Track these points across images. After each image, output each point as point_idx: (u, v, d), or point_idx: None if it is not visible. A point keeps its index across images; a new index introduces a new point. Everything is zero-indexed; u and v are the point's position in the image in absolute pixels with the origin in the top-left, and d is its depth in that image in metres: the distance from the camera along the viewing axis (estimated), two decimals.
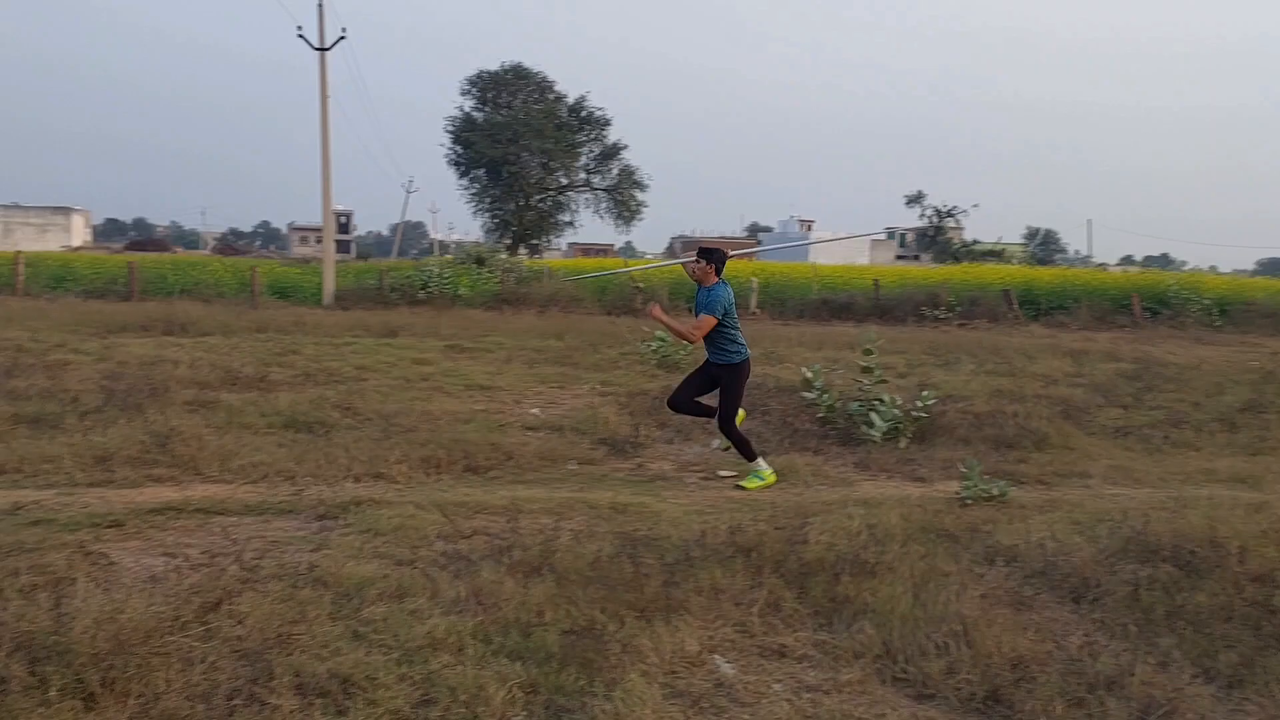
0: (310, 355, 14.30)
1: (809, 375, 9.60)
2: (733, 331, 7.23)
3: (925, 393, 9.30)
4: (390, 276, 28.88)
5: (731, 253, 7.80)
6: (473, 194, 54.90)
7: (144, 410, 8.55)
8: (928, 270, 43.52)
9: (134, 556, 5.04)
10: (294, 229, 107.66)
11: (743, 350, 7.30)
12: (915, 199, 74.87)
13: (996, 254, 68.00)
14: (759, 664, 3.90)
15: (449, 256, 32.52)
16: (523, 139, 51.95)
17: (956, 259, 63.75)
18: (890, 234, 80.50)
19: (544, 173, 54.57)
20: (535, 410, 10.31)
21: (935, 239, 74.85)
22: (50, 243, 72.85)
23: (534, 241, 56.69)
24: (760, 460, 7.31)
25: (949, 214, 74.35)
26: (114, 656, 3.34)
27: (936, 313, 26.68)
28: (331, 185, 28.06)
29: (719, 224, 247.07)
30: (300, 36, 27.23)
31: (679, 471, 7.82)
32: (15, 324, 16.82)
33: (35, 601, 3.74)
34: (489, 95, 54.24)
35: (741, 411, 7.43)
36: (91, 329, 16.63)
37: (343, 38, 27.90)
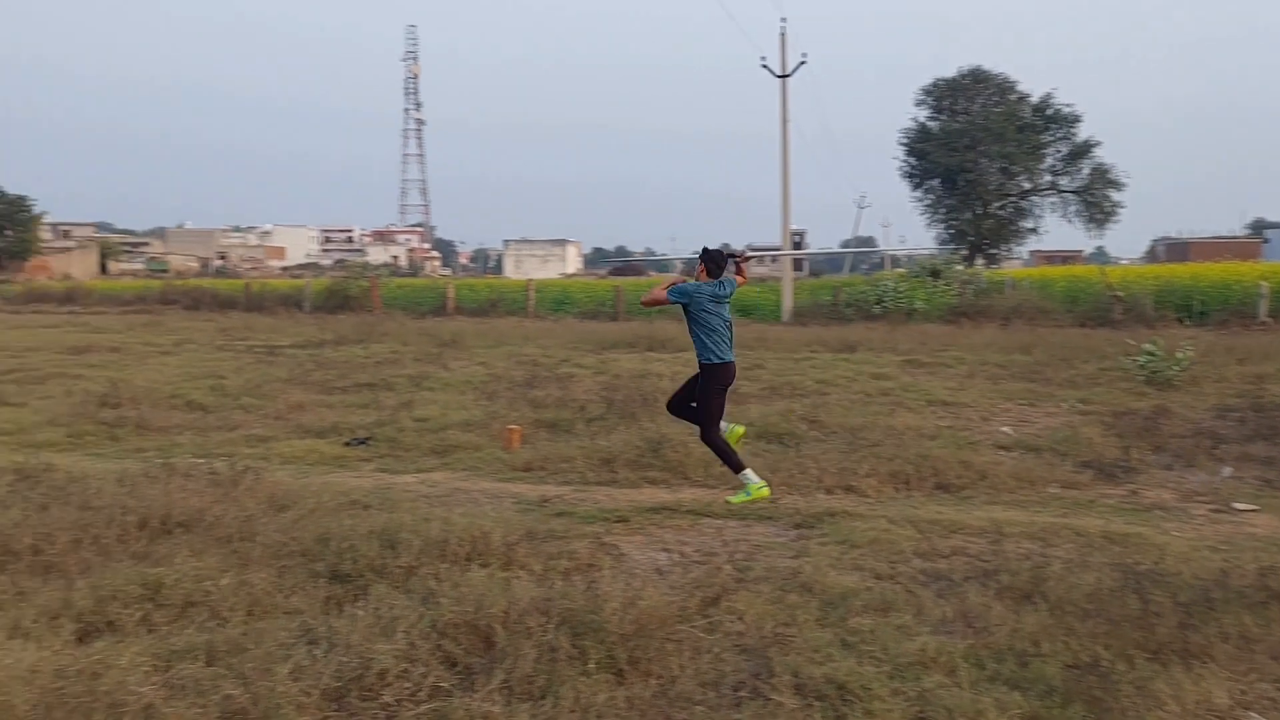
0: (774, 369, 14.92)
1: None
2: (705, 330, 6.79)
3: None
4: (845, 292, 29.23)
5: (750, 254, 7.68)
6: (926, 205, 53.73)
7: (638, 418, 9.50)
8: None
9: (640, 550, 5.62)
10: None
11: (716, 354, 6.77)
12: None
13: None
14: None
15: (902, 270, 32.13)
16: (981, 144, 49.84)
17: None
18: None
19: (1004, 178, 51.86)
20: (1006, 429, 9.81)
21: None
22: (550, 271, 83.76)
23: (992, 251, 54.04)
24: (748, 472, 6.67)
25: None
26: (637, 638, 3.74)
27: None
28: (790, 208, 29.07)
29: (1212, 222, 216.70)
30: (764, 66, 28.63)
31: (1181, 501, 6.99)
32: (530, 342, 19.59)
33: (572, 583, 4.33)
34: (945, 103, 52.77)
35: (740, 428, 7.01)
36: (589, 346, 18.85)
37: (803, 63, 28.87)
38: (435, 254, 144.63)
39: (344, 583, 4.66)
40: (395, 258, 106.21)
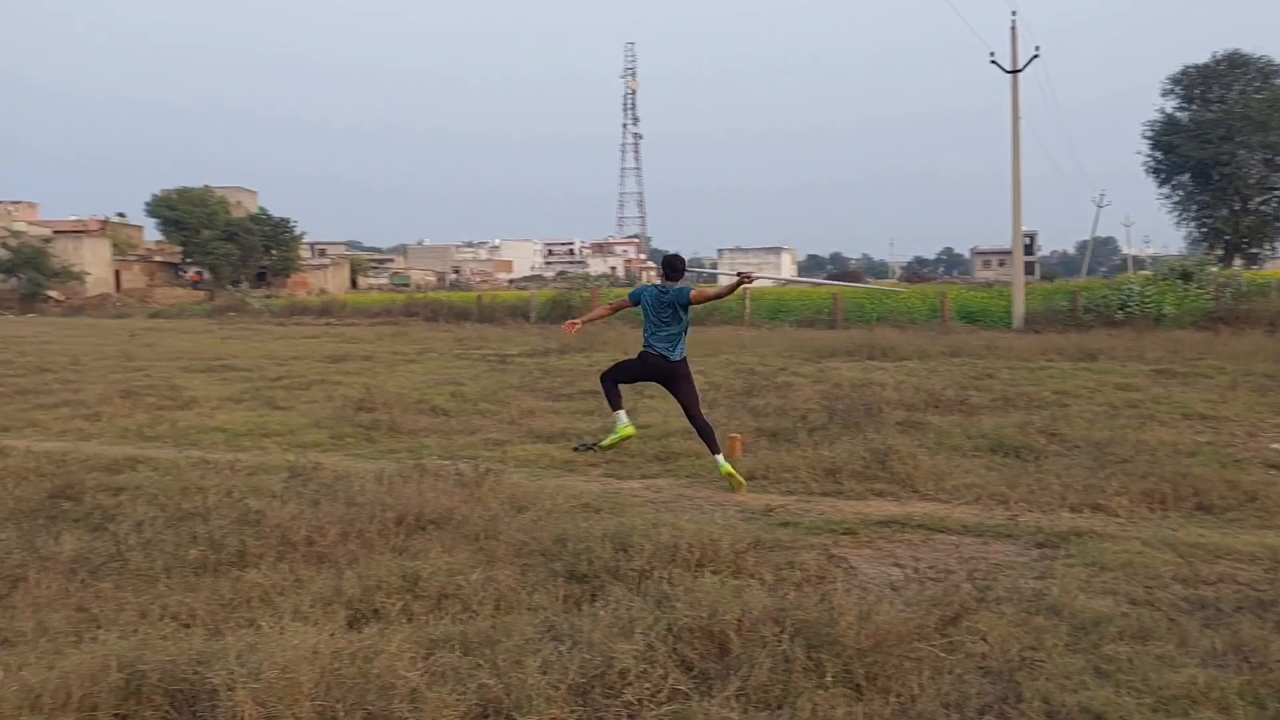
0: (1006, 379, 14.23)
1: None
2: (644, 322, 8.12)
3: None
4: (1083, 297, 27.45)
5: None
6: (1175, 202, 49.58)
7: (862, 429, 9.31)
8: None
9: (870, 564, 5.51)
10: (977, 253, 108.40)
11: (645, 340, 8.14)
12: None
13: None
14: None
15: (1147, 273, 29.82)
16: (1239, 135, 45.48)
17: None
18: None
19: (1267, 170, 47.08)
20: (1277, 445, 8.90)
21: None
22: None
23: (1253, 250, 49.14)
24: (621, 414, 8.05)
25: None
26: (874, 654, 3.67)
27: None
28: (1022, 208, 27.63)
29: None
30: (993, 62, 27.40)
31: None
32: (747, 350, 19.63)
33: (804, 594, 4.31)
34: (1196, 92, 48.55)
35: (631, 429, 8.20)
36: (806, 354, 18.68)
37: (1035, 57, 27.41)
38: (651, 264, 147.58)
39: (581, 582, 4.84)
40: (613, 268, 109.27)
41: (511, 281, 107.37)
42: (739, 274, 7.96)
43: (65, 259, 57.25)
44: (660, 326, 7.95)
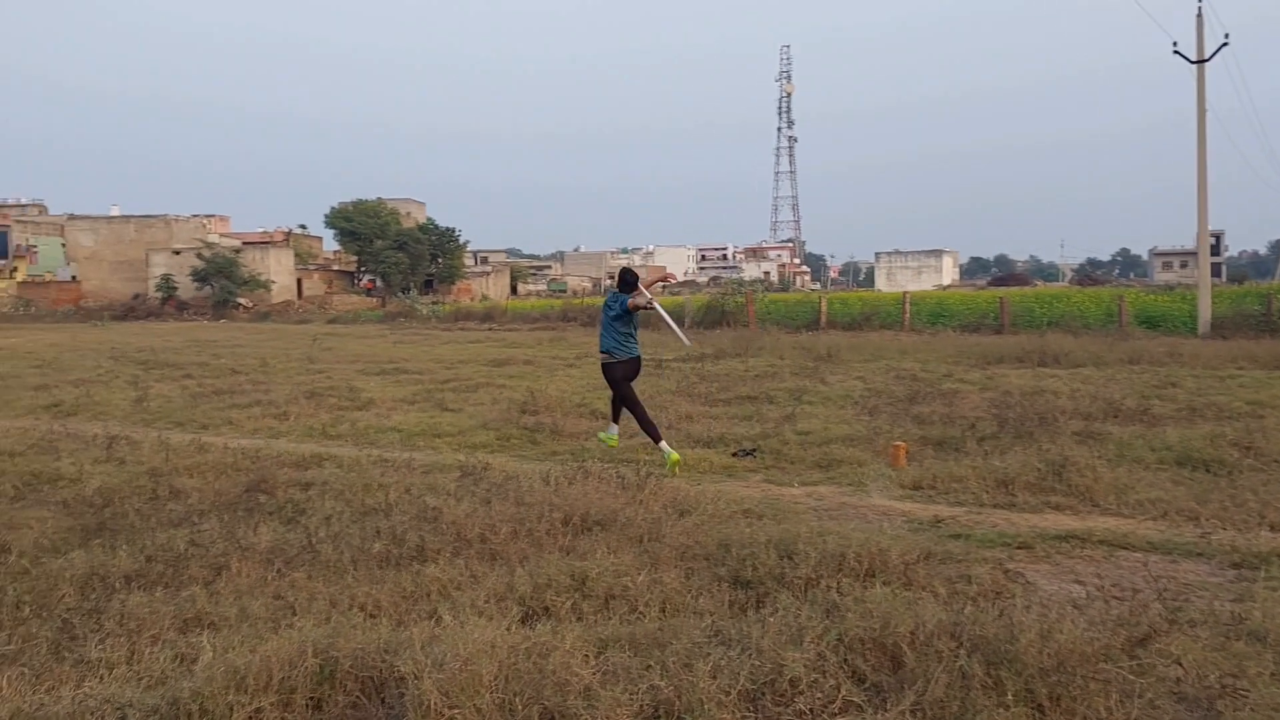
0: (1192, 388, 13.34)
1: None
2: (616, 331, 9.15)
3: None
4: (1278, 300, 25.43)
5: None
6: None
7: (1035, 438, 8.92)
8: None
9: (1048, 579, 5.27)
10: (1156, 254, 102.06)
11: (622, 346, 9.16)
12: None
13: None
14: None
15: None
16: None
17: None
18: None
19: None
20: None
21: None
22: (924, 282, 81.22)
23: None
24: (663, 446, 8.80)
25: None
26: (1057, 674, 3.52)
27: None
28: (1208, 205, 25.84)
29: None
30: (1176, 53, 25.75)
31: None
32: (908, 356, 19.11)
33: (981, 609, 4.16)
34: None
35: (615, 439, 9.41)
36: (971, 360, 18.03)
37: (1224, 45, 25.59)
38: (805, 268, 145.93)
39: (745, 588, 4.84)
40: (766, 273, 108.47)
41: (665, 287, 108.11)
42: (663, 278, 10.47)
43: (253, 268, 61.42)
44: (604, 327, 9.32)
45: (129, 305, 60.77)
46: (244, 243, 67.30)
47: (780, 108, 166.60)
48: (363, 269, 73.57)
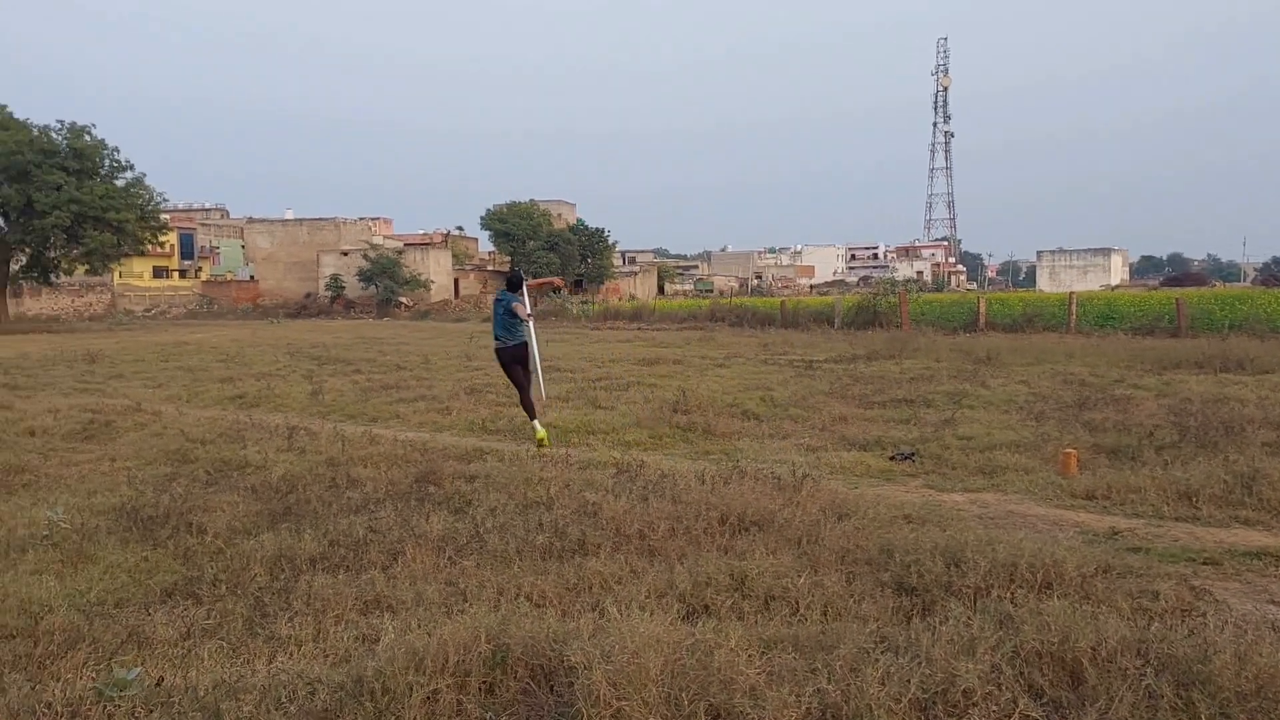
0: None
1: None
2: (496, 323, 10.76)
3: None
4: None
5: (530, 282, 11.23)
6: None
7: (1220, 449, 8.37)
8: None
9: (1239, 599, 4.93)
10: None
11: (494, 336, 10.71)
12: None
13: None
14: None
15: None
16: None
17: None
18: None
19: None
20: None
21: None
22: (1091, 282, 77.26)
23: None
24: (535, 424, 10.06)
25: None
26: (1257, 699, 3.29)
27: None
28: None
29: None
30: None
31: None
32: (1074, 359, 18.23)
33: (1168, 626, 3.94)
34: None
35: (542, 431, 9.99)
36: (1145, 365, 17.03)
37: None
38: (960, 268, 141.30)
39: (910, 595, 4.73)
40: (920, 273, 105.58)
41: (813, 287, 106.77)
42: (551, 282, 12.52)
43: (414, 268, 64.12)
44: (497, 322, 10.76)
45: (301, 303, 64.45)
46: (406, 244, 70.32)
47: (936, 102, 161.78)
48: (516, 269, 75.62)
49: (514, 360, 10.59)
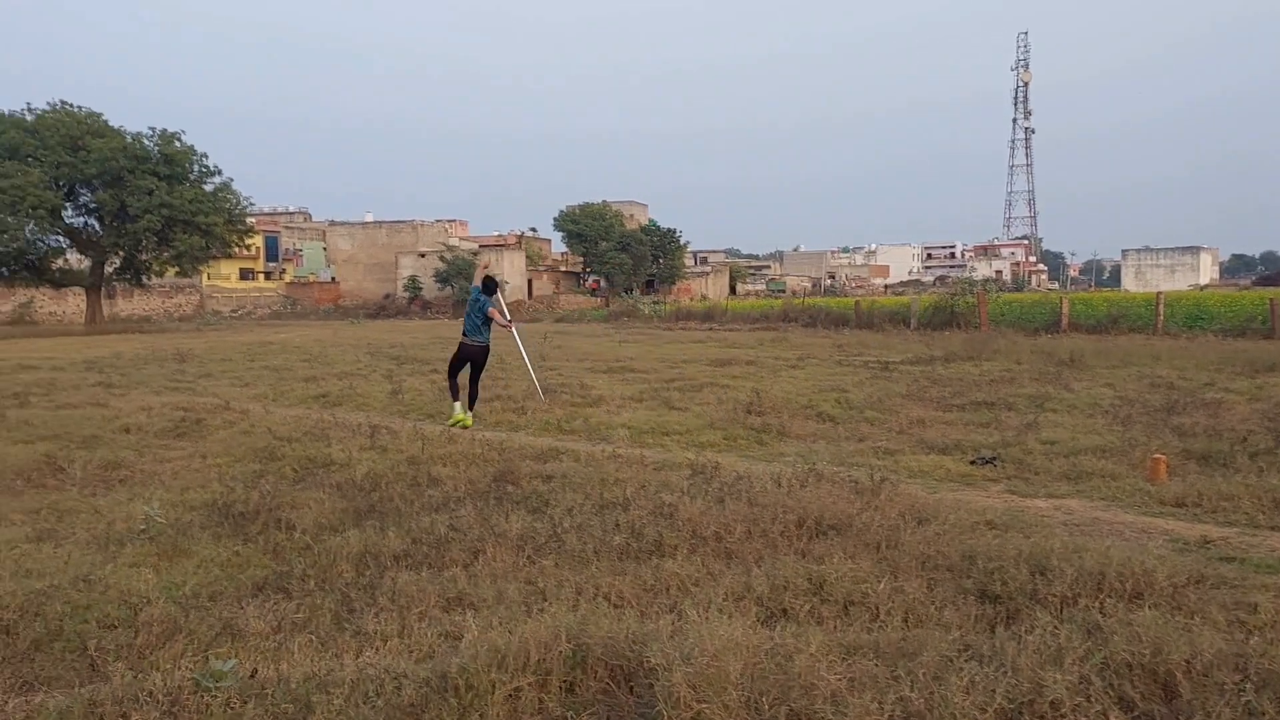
0: None
1: None
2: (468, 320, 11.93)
3: None
4: None
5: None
6: None
7: None
8: None
9: None
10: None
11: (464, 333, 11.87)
12: None
13: None
14: None
15: None
16: None
17: None
18: None
19: None
20: None
21: None
22: (1178, 282, 74.81)
23: None
24: (456, 405, 11.50)
25: None
26: None
27: None
28: None
29: None
30: None
31: None
32: (1162, 362, 17.68)
33: (1270, 641, 3.80)
34: None
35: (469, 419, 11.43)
36: (1236, 367, 16.44)
37: None
38: (1041, 267, 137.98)
39: (994, 603, 4.65)
40: (999, 272, 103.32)
41: (888, 287, 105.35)
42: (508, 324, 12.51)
43: (489, 269, 65.00)
44: (468, 320, 11.84)
45: (380, 304, 65.80)
46: (480, 245, 71.29)
47: (1016, 97, 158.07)
48: (588, 270, 76.17)
49: (472, 357, 11.95)
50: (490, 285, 12.05)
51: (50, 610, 4.79)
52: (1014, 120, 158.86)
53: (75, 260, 49.26)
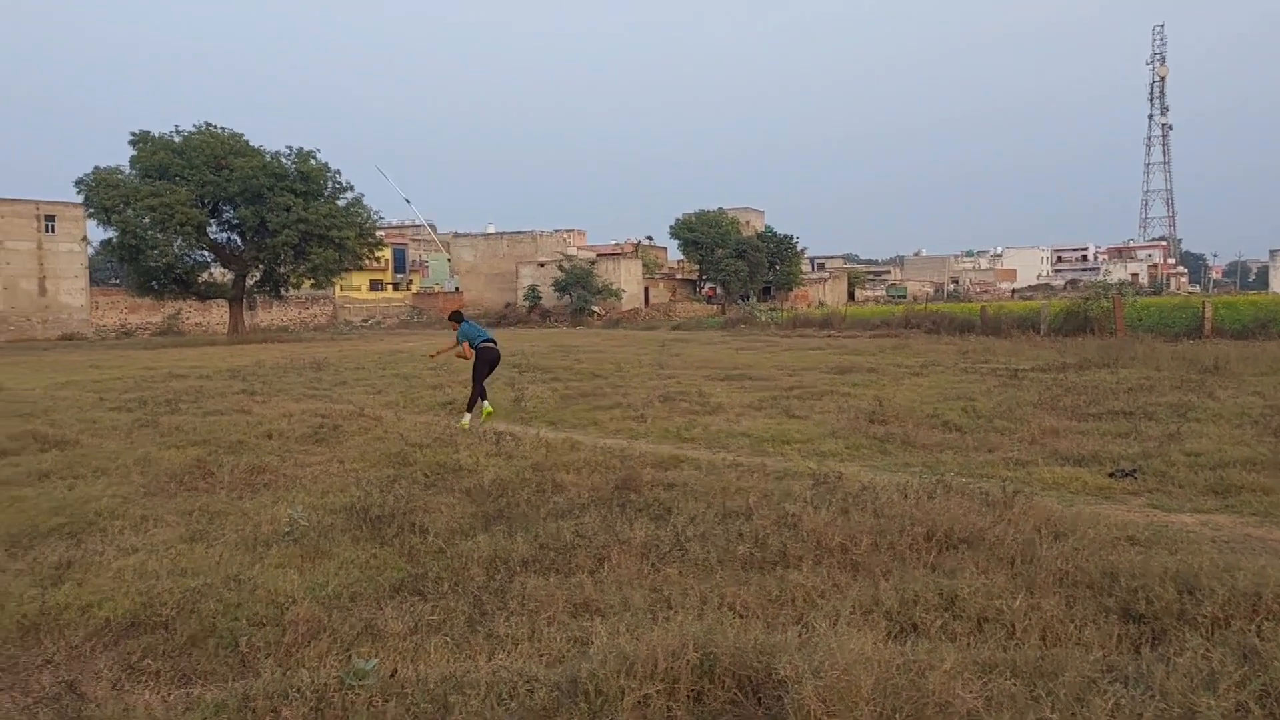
0: None
1: None
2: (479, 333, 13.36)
3: None
4: None
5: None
6: None
7: None
8: None
9: None
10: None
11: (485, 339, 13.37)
12: None
13: None
14: None
15: None
16: None
17: None
18: None
19: None
20: None
21: None
22: None
23: None
24: (485, 403, 12.98)
25: None
26: None
27: None
28: None
29: None
30: None
31: None
32: None
33: None
34: None
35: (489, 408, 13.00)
36: None
37: None
38: (1181, 269, 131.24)
39: (1138, 623, 4.46)
40: (1135, 275, 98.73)
41: (1015, 291, 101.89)
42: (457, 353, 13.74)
43: (606, 278, 65.68)
44: (484, 333, 13.41)
45: (501, 313, 67.29)
46: (598, 254, 72.13)
47: (1151, 93, 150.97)
48: (704, 277, 76.17)
49: (495, 359, 13.36)
50: (458, 316, 13.82)
51: (204, 608, 5.09)
52: (1150, 116, 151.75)
53: (219, 274, 52.03)
